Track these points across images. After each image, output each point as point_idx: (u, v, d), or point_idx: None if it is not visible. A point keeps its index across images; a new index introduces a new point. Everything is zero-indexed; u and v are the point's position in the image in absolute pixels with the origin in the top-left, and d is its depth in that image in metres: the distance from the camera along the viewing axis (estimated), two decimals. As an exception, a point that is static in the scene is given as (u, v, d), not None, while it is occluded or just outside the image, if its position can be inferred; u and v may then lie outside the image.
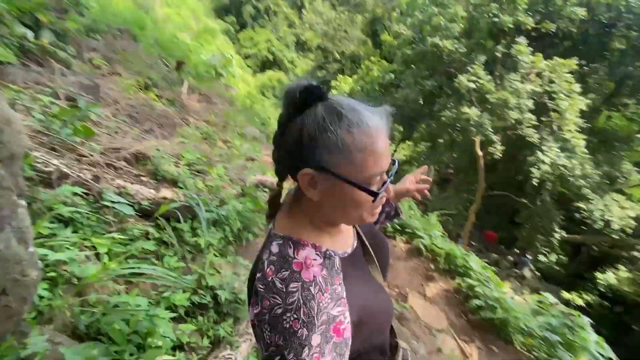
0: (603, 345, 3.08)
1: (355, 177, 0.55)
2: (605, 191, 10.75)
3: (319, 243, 0.62)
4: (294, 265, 0.55)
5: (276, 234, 0.62)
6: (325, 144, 0.54)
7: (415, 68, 11.86)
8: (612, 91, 12.25)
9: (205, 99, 6.46)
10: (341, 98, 0.59)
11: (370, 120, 0.56)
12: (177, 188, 2.12)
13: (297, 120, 0.57)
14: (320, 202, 0.59)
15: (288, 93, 0.58)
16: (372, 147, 0.55)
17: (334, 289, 0.56)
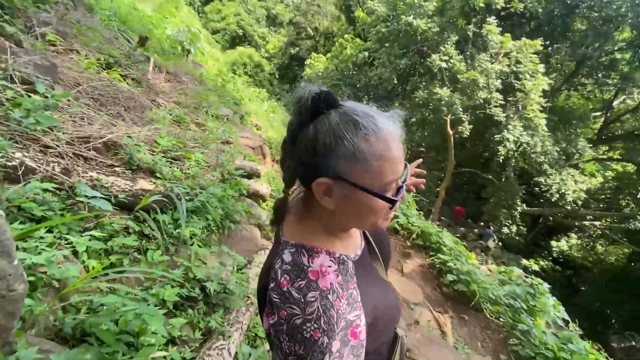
0: (559, 308, 3.43)
1: (372, 184, 0.55)
2: (562, 166, 11.57)
3: (332, 249, 0.62)
4: (310, 274, 0.55)
5: (287, 241, 0.62)
6: (342, 153, 0.53)
7: (389, 46, 11.79)
8: (572, 71, 12.92)
9: (174, 77, 6.08)
10: (353, 104, 0.58)
11: (385, 126, 0.55)
12: (154, 178, 2.03)
13: (309, 129, 0.56)
14: (336, 211, 0.59)
15: (299, 100, 0.57)
16: (389, 154, 0.55)
17: (349, 293, 0.57)
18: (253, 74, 20.04)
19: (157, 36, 8.64)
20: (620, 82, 11.90)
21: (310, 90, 0.56)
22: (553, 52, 12.42)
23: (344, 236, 0.67)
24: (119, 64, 4.55)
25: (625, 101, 13.32)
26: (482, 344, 3.10)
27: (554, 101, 12.95)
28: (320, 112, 0.56)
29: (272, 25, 26.22)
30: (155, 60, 5.89)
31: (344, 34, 17.50)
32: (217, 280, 1.63)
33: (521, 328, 3.09)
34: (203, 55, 12.60)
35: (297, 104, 0.57)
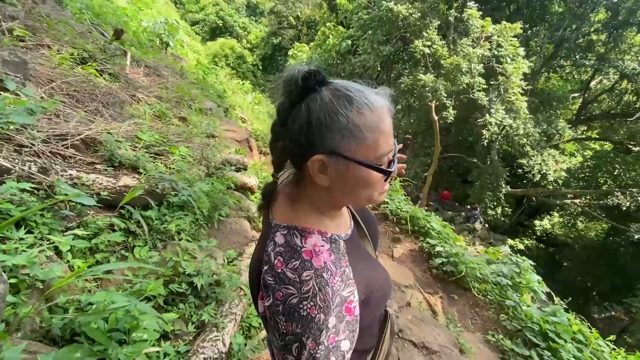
0: (543, 284, 3.56)
1: (367, 157, 0.56)
2: (543, 147, 11.88)
3: (324, 229, 0.62)
4: (304, 254, 0.56)
5: (279, 224, 0.62)
6: (337, 128, 0.54)
7: (371, 34, 11.70)
8: (551, 54, 13.15)
9: (153, 71, 5.90)
10: (343, 81, 0.59)
11: (377, 100, 0.56)
12: (138, 174, 1.98)
13: (301, 107, 0.56)
14: (331, 187, 0.59)
15: (288, 80, 0.57)
16: (381, 127, 0.56)
17: (342, 271, 0.58)
18: (235, 65, 19.63)
19: (133, 29, 8.34)
20: (597, 62, 12.18)
21: (300, 70, 0.56)
22: (532, 35, 12.59)
23: (335, 215, 0.68)
24: (94, 58, 4.38)
25: (602, 81, 13.69)
26: (472, 321, 3.21)
27: (534, 84, 13.20)
28: (311, 90, 0.56)
29: (252, 15, 25.60)
30: (132, 54, 5.69)
31: (326, 22, 17.26)
32: (208, 273, 1.62)
33: (508, 304, 3.21)
34: (183, 48, 12.24)
35: (286, 84, 0.57)
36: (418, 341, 2.28)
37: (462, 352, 2.55)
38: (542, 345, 2.73)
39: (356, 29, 12.64)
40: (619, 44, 11.39)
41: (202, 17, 22.82)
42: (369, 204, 0.64)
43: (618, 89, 12.76)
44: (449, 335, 2.71)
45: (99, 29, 5.94)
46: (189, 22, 22.24)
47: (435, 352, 2.23)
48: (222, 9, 23.10)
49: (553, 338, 2.73)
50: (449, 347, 2.43)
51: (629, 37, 11.25)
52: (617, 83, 12.54)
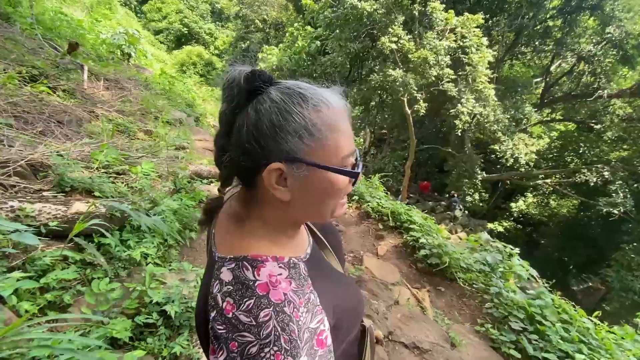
0: (527, 268, 3.63)
1: (330, 160, 0.50)
2: (513, 132, 12.28)
3: (280, 253, 0.53)
4: (259, 289, 0.46)
5: (224, 257, 0.52)
6: (293, 129, 0.48)
7: (339, 32, 11.71)
8: (512, 42, 13.65)
9: (114, 85, 5.61)
10: (291, 81, 0.53)
11: (333, 99, 0.52)
12: (93, 198, 1.82)
13: (247, 112, 0.50)
14: (292, 201, 0.52)
15: (230, 82, 0.50)
16: (341, 126, 0.51)
17: (307, 299, 0.50)
18: (205, 72, 19.18)
19: (91, 42, 7.94)
20: (555, 47, 12.76)
21: (241, 70, 0.50)
22: (493, 24, 13.01)
23: (292, 234, 0.59)
24: (45, 75, 4.10)
25: (561, 65, 14.34)
26: (460, 312, 3.21)
27: (499, 72, 13.66)
28: (257, 91, 0.50)
29: (218, 21, 25.10)
30: (90, 67, 5.39)
31: (293, 23, 17.17)
32: (179, 299, 1.49)
33: (493, 291, 3.23)
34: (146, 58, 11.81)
35: (227, 88, 0.50)
36: (409, 342, 2.24)
37: (454, 346, 2.54)
38: (529, 329, 2.75)
39: (323, 28, 12.64)
40: (574, 28, 11.95)
41: (166, 25, 22.15)
42: (332, 217, 0.57)
43: (576, 71, 13.39)
44: (439, 330, 2.68)
45: (51, 44, 5.59)
46: (152, 32, 21.53)
47: (427, 351, 2.19)
48: (186, 16, 22.51)
49: (540, 321, 2.76)
50: (440, 343, 2.40)
51: (582, 21, 11.83)
52: (575, 65, 13.17)
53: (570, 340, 2.61)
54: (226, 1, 24.64)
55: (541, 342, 2.61)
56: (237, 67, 0.51)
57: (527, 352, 2.52)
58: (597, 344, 2.59)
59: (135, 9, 22.91)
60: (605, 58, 11.55)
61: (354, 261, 3.86)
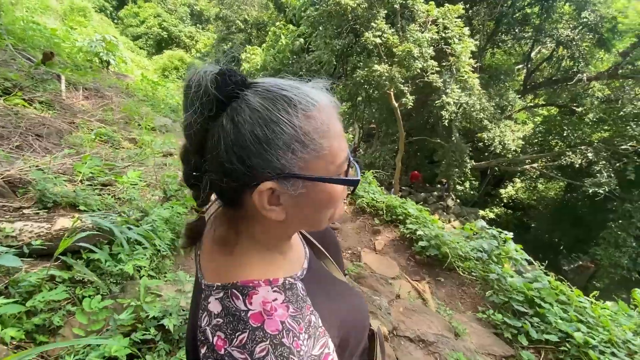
0: (522, 252, 3.66)
1: (328, 170, 0.44)
2: (499, 119, 12.46)
3: (273, 275, 0.48)
4: (252, 320, 0.41)
5: (211, 285, 0.46)
6: (284, 142, 0.41)
7: (322, 29, 11.66)
8: (493, 30, 13.82)
9: (94, 93, 5.45)
10: (268, 79, 0.45)
11: (320, 97, 0.45)
12: (78, 212, 1.73)
13: (222, 124, 0.41)
14: (287, 219, 0.46)
15: (195, 89, 0.41)
16: (334, 128, 0.45)
17: (307, 322, 0.45)
18: (187, 77, 18.85)
19: (67, 50, 7.69)
20: (534, 34, 12.97)
21: (207, 72, 0.41)
22: (474, 14, 13.14)
23: (286, 249, 0.54)
24: (20, 87, 3.94)
25: (541, 51, 14.60)
26: (461, 301, 3.22)
27: (482, 60, 13.81)
28: (231, 97, 0.42)
29: (198, 23, 24.69)
30: (67, 77, 5.21)
31: (275, 22, 17.01)
32: (177, 312, 1.43)
33: (492, 277, 3.25)
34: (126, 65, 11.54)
35: (193, 95, 0.41)
36: (413, 335, 2.22)
37: (457, 335, 2.54)
38: (530, 313, 2.78)
39: (306, 26, 12.56)
40: (551, 15, 12.16)
41: (144, 30, 21.67)
42: (329, 223, 0.51)
43: (556, 56, 13.65)
44: (442, 320, 2.68)
45: (24, 54, 5.38)
46: (131, 37, 21.05)
47: (432, 343, 2.18)
48: (165, 19, 22.08)
49: (539, 304, 2.78)
50: (444, 334, 2.39)
51: (559, 7, 12.04)
52: (555, 51, 13.42)
53: (569, 320, 2.65)
54: (205, 3, 24.27)
55: (542, 325, 2.64)
56: (202, 68, 0.42)
57: (531, 336, 2.54)
58: (595, 321, 2.63)
59: (111, 14, 22.36)
60: (582, 42, 11.80)
61: (352, 258, 3.83)
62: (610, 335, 2.35)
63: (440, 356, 2.08)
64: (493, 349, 2.44)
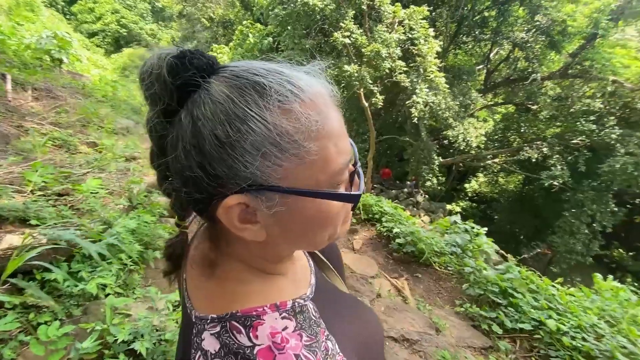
0: (492, 245, 3.82)
1: (317, 180, 0.35)
2: (463, 117, 13.03)
3: (279, 298, 0.40)
4: (260, 357, 0.34)
5: (204, 318, 0.38)
6: (251, 144, 0.32)
7: (291, 29, 11.55)
8: (455, 32, 14.44)
9: (46, 94, 4.99)
10: (242, 62, 0.36)
11: (309, 84, 0.35)
12: (30, 227, 1.54)
13: (181, 120, 0.34)
14: (269, 239, 0.37)
15: (148, 77, 0.34)
16: (328, 125, 0.35)
17: (324, 352, 0.38)
18: (150, 76, 17.94)
19: (13, 47, 6.99)
20: (492, 36, 13.71)
21: (163, 55, 0.34)
22: (437, 16, 13.63)
23: (288, 266, 0.46)
24: (-46, 88, 3.51)
25: (498, 52, 15.46)
26: (439, 296, 3.29)
27: (446, 61, 14.37)
28: (191, 86, 0.34)
29: (160, 20, 23.57)
30: (14, 76, 4.73)
31: (242, 20, 16.64)
32: (149, 332, 1.31)
33: (467, 271, 3.35)
34: (81, 63, 10.76)
35: (149, 84, 0.34)
36: (397, 335, 2.22)
37: (438, 331, 2.57)
38: (504, 303, 2.89)
39: (274, 25, 12.39)
40: (507, 18, 12.91)
41: (101, 27, 20.34)
42: (333, 240, 0.42)
43: (512, 57, 14.52)
44: (422, 317, 2.71)
45: (-41, 52, 4.82)
46: (86, 35, 19.68)
47: (416, 342, 2.19)
48: (124, 16, 20.84)
49: (512, 294, 2.90)
50: (426, 330, 2.42)
51: (514, 11, 12.80)
52: (511, 52, 14.27)
53: (540, 308, 2.78)
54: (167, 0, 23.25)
55: (516, 314, 2.75)
56: (160, 51, 0.35)
57: (506, 325, 2.64)
58: (564, 308, 2.78)
59: (63, 10, 20.77)
60: (535, 44, 12.62)
61: (331, 259, 3.80)
62: (579, 321, 2.49)
63: (426, 354, 2.09)
64: (472, 342, 2.50)
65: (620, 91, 11.02)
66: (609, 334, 2.43)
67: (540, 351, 2.43)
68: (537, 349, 2.45)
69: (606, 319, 2.78)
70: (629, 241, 14.62)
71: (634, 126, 11.16)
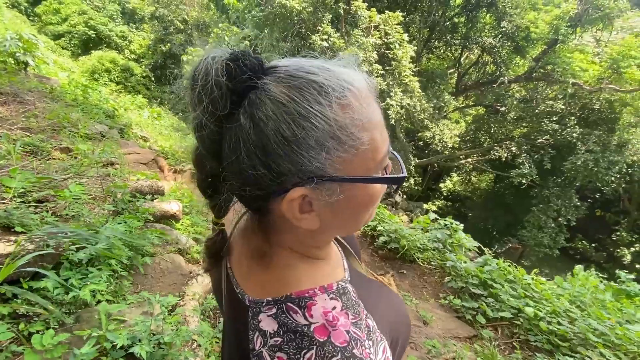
0: (470, 240, 4.00)
1: (368, 168, 0.38)
2: (437, 119, 13.51)
3: (325, 281, 0.44)
4: (317, 334, 0.37)
5: (259, 301, 0.41)
6: (316, 140, 0.35)
7: (269, 32, 11.55)
8: (427, 37, 14.97)
9: (12, 98, 4.72)
10: (290, 61, 0.39)
11: (356, 79, 0.38)
12: (14, 234, 1.47)
13: (241, 123, 0.35)
14: (321, 227, 0.40)
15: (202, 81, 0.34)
16: (374, 116, 0.38)
17: (367, 328, 0.41)
18: (122, 79, 17.26)
19: (-27, 50, 6.55)
20: (462, 41, 14.34)
21: (216, 58, 0.35)
22: (410, 21, 14.09)
23: (328, 250, 0.50)
24: None
25: (468, 57, 16.17)
26: (424, 290, 3.41)
27: (419, 65, 14.87)
28: (249, 89, 0.36)
29: (131, 22, 22.74)
30: (-28, 80, 4.45)
31: (217, 23, 16.42)
32: (147, 337, 1.29)
33: (449, 264, 3.50)
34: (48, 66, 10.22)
35: (200, 89, 0.35)
36: (389, 328, 2.29)
37: (426, 323, 2.67)
38: (484, 294, 3.04)
39: (251, 28, 12.34)
40: (476, 24, 13.56)
41: (67, 28, 19.33)
42: (366, 223, 0.46)
43: (481, 62, 15.23)
44: (410, 311, 2.80)
45: None
46: (51, 36, 18.65)
47: (406, 334, 2.26)
48: (92, 17, 19.92)
49: (492, 285, 3.06)
50: (415, 323, 2.51)
51: (481, 17, 13.47)
52: (480, 57, 14.96)
53: (518, 297, 2.95)
54: (138, 1, 22.49)
55: (496, 304, 2.90)
56: (209, 53, 0.36)
57: (487, 315, 2.78)
58: (539, 296, 2.97)
59: (27, 11, 19.61)
60: (502, 49, 13.32)
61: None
62: (554, 307, 2.67)
63: (416, 345, 2.17)
64: (457, 332, 2.62)
65: (580, 93, 11.83)
66: (581, 318, 2.62)
67: (520, 337, 2.58)
68: (517, 334, 2.60)
69: (577, 304, 2.99)
70: (591, 233, 15.66)
71: (592, 125, 12.01)
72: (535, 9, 12.23)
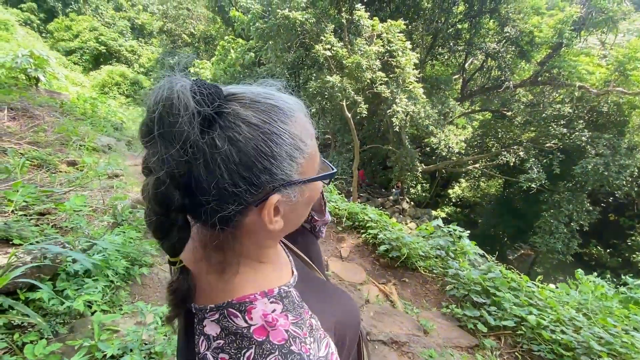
0: (476, 248, 3.94)
1: (315, 168, 0.47)
2: (442, 125, 13.44)
3: (267, 286, 0.46)
4: (256, 335, 0.40)
5: (203, 308, 0.44)
6: (286, 152, 0.41)
7: (273, 43, 11.77)
8: (431, 44, 15.02)
9: (22, 113, 4.89)
10: (241, 88, 0.43)
11: (293, 101, 0.46)
12: (12, 247, 1.52)
13: (216, 143, 0.37)
14: (283, 226, 0.45)
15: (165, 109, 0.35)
16: (310, 127, 0.47)
17: (309, 327, 0.45)
18: (131, 92, 17.73)
19: (-13, 67, 6.83)
20: (466, 47, 14.33)
21: (179, 85, 0.36)
22: (413, 29, 14.18)
23: (273, 257, 0.52)
24: None
25: (473, 62, 16.14)
26: (426, 299, 3.36)
27: (423, 71, 14.90)
28: (217, 114, 0.38)
29: (140, 37, 23.45)
30: (-14, 96, 4.63)
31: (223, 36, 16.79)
32: (138, 347, 1.31)
33: (451, 273, 3.45)
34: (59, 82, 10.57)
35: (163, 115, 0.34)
36: (386, 338, 2.26)
37: (426, 332, 2.63)
38: (487, 302, 2.98)
39: (256, 39, 12.58)
40: (479, 30, 13.56)
41: (79, 44, 20.03)
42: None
43: (486, 67, 15.19)
44: (410, 320, 2.77)
45: None
46: (63, 52, 19.33)
47: (404, 344, 2.24)
48: (102, 33, 20.61)
49: (494, 293, 3.00)
50: (415, 332, 2.47)
51: (485, 23, 13.47)
52: (484, 62, 14.92)
53: (521, 305, 2.89)
54: (147, 16, 23.17)
55: (499, 312, 2.84)
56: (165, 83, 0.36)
57: (490, 324, 2.72)
58: (543, 303, 2.90)
59: (39, 28, 20.40)
60: (506, 54, 13.27)
61: (319, 268, 3.82)
62: (558, 315, 2.60)
63: (414, 355, 2.14)
64: (459, 341, 2.57)
65: (587, 96, 11.66)
66: (587, 326, 2.55)
67: (523, 346, 2.52)
68: (520, 344, 2.54)
69: (583, 312, 2.91)
70: (605, 239, 15.23)
71: (601, 129, 11.80)
72: (538, 14, 12.18)
